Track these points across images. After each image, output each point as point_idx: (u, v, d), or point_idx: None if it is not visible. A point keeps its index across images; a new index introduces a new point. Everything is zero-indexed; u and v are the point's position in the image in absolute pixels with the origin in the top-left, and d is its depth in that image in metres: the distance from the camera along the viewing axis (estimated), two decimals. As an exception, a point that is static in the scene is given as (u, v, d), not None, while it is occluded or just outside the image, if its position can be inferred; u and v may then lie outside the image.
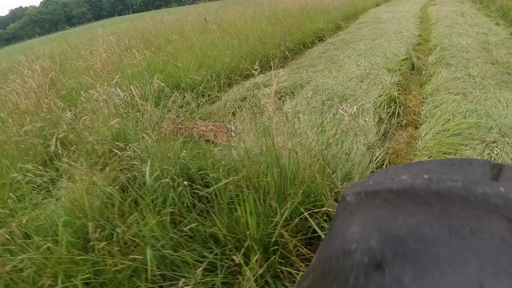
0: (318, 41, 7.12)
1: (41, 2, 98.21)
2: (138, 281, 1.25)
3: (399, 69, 4.71)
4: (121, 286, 1.33)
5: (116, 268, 1.25)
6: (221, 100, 3.87)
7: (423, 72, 4.71)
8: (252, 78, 4.48)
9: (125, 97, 2.26)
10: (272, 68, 2.06)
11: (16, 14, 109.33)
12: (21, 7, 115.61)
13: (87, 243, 1.56)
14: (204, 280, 1.26)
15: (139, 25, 8.42)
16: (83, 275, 1.34)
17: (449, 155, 2.44)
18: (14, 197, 2.23)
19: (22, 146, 2.81)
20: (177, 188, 1.54)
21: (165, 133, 2.33)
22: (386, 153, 2.55)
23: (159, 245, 1.30)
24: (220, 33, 5.76)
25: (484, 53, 5.36)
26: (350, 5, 10.92)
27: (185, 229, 1.35)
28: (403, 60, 5.16)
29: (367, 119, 3.04)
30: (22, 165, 2.06)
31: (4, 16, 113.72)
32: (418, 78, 4.48)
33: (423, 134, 2.85)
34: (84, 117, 2.26)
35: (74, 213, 1.60)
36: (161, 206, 1.53)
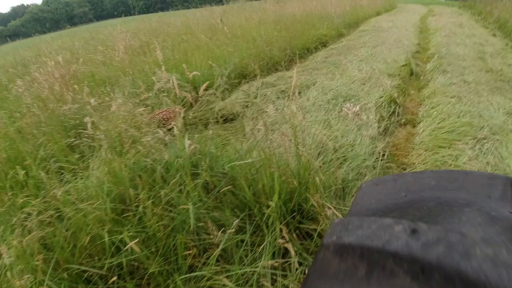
0: (322, 46, 7.40)
1: (43, 1, 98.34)
2: (177, 235, 1.47)
3: (399, 74, 4.97)
4: (160, 242, 1.55)
5: (158, 223, 1.46)
6: (231, 97, 4.10)
7: (421, 77, 4.97)
8: (258, 79, 4.73)
9: (165, 85, 2.48)
10: (297, 60, 2.29)
11: (18, 11, 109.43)
12: (22, 4, 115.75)
13: (125, 209, 1.78)
14: (234, 237, 1.48)
15: (148, 26, 8.68)
16: (128, 233, 1.55)
17: (444, 148, 2.68)
18: (44, 173, 2.45)
19: (45, 129, 3.03)
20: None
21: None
22: (387, 145, 2.80)
23: (195, 206, 1.52)
24: (229, 36, 6.01)
25: (480, 62, 5.64)
26: (352, 14, 11.25)
27: (222, 190, 1.57)
28: (403, 66, 5.42)
29: (369, 116, 3.29)
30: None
31: (5, 13, 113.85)
32: (417, 83, 4.75)
33: (421, 131, 3.10)
34: (114, 103, 2.48)
35: (111, 182, 1.81)
36: (193, 178, 1.74)
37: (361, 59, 5.87)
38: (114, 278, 1.21)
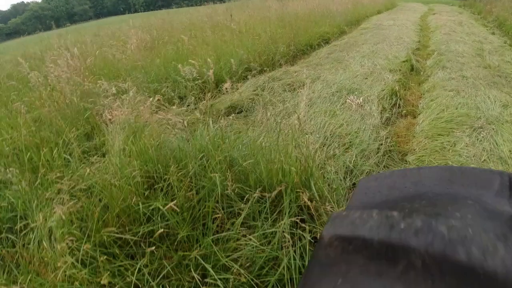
0: (324, 43, 7.59)
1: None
2: (205, 203, 1.64)
3: (400, 70, 5.15)
4: (187, 212, 1.72)
5: (187, 193, 1.64)
6: (239, 89, 4.28)
7: (422, 73, 5.16)
8: (265, 73, 4.90)
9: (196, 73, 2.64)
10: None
11: (18, 9, 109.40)
12: (23, 2, 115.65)
13: (152, 185, 1.96)
14: (256, 205, 1.66)
15: (155, 22, 8.85)
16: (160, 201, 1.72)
17: (442, 136, 2.86)
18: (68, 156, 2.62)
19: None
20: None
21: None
22: (389, 133, 2.97)
23: (220, 180, 1.69)
24: (237, 32, 6.19)
25: (478, 59, 5.82)
26: (354, 12, 11.43)
27: (243, 164, 1.75)
28: (403, 62, 5.60)
29: (372, 107, 3.46)
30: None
31: (6, 10, 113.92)
32: (417, 78, 4.93)
33: (421, 121, 3.28)
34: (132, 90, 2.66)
35: (139, 159, 1.99)
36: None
37: (363, 55, 6.04)
38: (161, 231, 1.38)
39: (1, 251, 1.93)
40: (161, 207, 1.57)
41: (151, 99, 2.80)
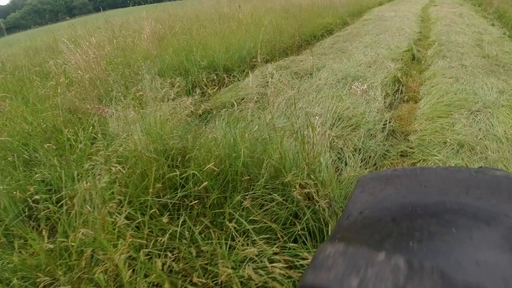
0: (328, 34, 7.77)
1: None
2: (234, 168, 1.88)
3: (402, 59, 5.35)
4: (215, 178, 1.95)
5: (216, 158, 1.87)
6: (249, 77, 4.49)
7: (423, 62, 5.36)
8: (272, 62, 5.11)
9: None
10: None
11: (17, 3, 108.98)
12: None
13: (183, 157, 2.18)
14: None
15: (162, 15, 9.01)
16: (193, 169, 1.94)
17: (442, 118, 3.09)
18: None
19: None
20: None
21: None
22: (392, 116, 3.20)
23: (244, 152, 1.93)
24: (244, 22, 6.38)
25: (478, 49, 6.01)
26: (356, 3, 11.58)
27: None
28: (405, 51, 5.80)
29: (376, 93, 3.68)
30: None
31: (5, 5, 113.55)
32: (418, 66, 5.13)
33: (422, 106, 3.50)
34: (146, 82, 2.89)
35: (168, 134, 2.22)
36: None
37: (366, 46, 6.23)
38: (205, 184, 1.61)
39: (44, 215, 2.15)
40: (196, 173, 1.80)
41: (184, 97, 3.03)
